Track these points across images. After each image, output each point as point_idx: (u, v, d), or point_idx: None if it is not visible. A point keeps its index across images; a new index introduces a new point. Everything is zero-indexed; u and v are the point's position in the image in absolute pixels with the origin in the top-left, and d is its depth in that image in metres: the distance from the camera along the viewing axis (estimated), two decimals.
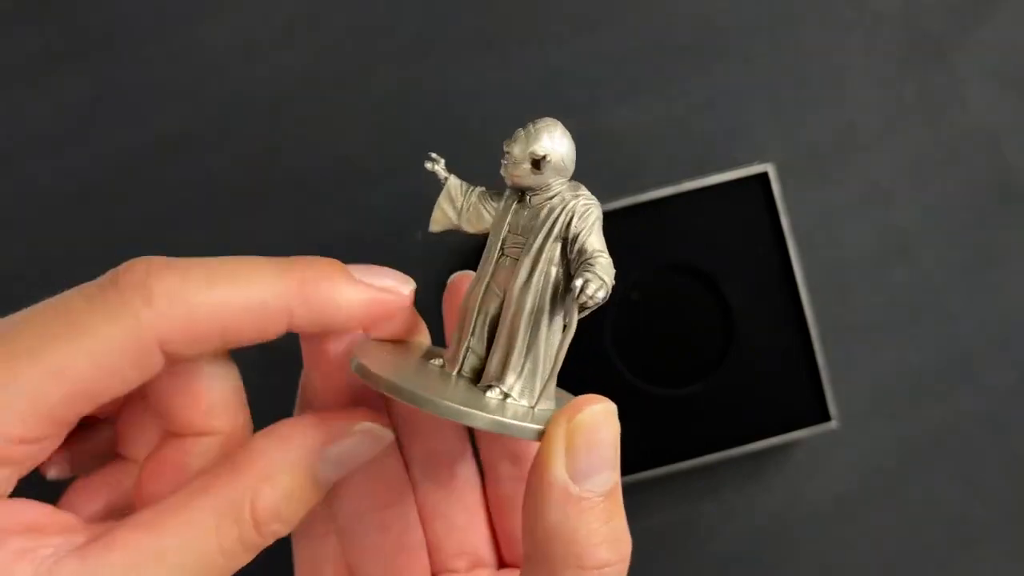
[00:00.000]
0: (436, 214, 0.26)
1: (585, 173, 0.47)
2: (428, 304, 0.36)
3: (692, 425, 0.41)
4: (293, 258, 0.24)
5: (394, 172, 0.44)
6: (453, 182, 0.26)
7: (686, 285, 0.42)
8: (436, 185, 0.27)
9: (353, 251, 0.44)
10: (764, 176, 0.41)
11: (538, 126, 0.25)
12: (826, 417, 0.41)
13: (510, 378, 0.24)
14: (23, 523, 0.21)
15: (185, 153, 0.45)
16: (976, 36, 0.45)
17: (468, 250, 0.43)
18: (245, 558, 0.22)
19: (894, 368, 0.45)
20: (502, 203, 0.26)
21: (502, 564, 0.30)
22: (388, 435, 0.25)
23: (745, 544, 0.44)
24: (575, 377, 0.41)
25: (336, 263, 0.24)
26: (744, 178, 0.41)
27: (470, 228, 0.26)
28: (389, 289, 0.25)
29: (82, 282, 0.46)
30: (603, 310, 0.41)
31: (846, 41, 0.45)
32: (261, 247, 0.44)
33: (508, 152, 0.25)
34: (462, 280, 0.28)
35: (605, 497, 0.22)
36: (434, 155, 0.26)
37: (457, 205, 0.26)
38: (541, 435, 0.22)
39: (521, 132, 0.25)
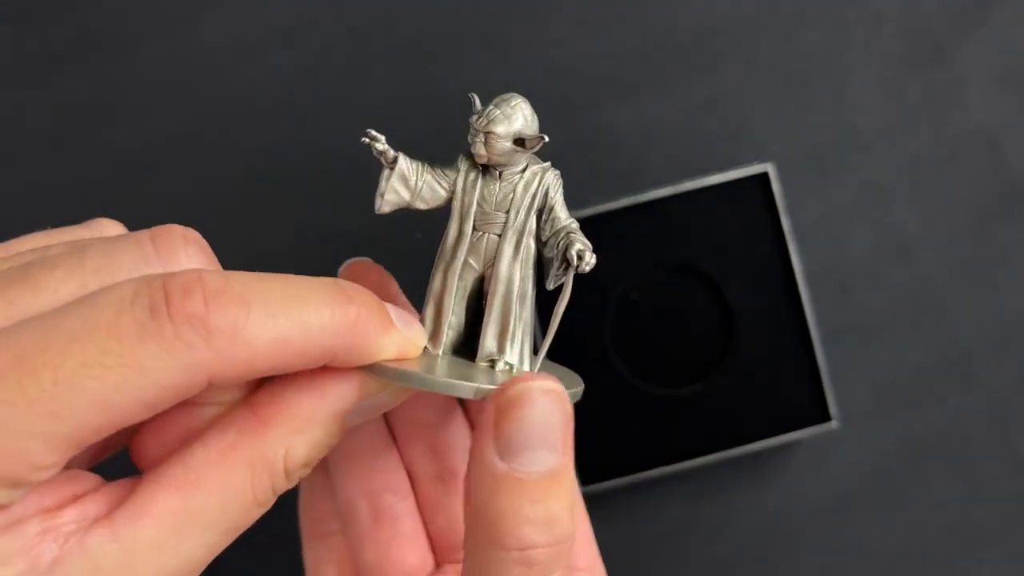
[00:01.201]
0: (389, 196, 0.26)
1: (585, 173, 0.47)
2: None
3: (692, 425, 0.41)
4: (350, 290, 0.22)
5: None
6: (404, 163, 0.26)
7: (686, 285, 0.42)
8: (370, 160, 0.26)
9: (353, 251, 0.44)
10: (764, 176, 0.41)
11: (513, 104, 0.25)
12: (826, 417, 0.41)
13: (510, 351, 0.25)
14: (40, 506, 0.19)
15: (185, 153, 0.45)
16: (976, 36, 0.45)
17: None
18: (273, 501, 0.22)
19: (894, 368, 0.44)
20: (460, 177, 0.26)
21: None
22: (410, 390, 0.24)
23: (745, 544, 0.44)
24: None
25: (385, 307, 0.23)
26: (744, 178, 0.41)
27: (423, 205, 0.26)
28: (413, 340, 0.24)
29: None
30: (603, 310, 0.41)
31: (846, 41, 0.45)
32: (261, 247, 0.44)
33: (491, 132, 0.25)
34: (359, 266, 0.28)
35: (541, 478, 0.21)
36: (373, 132, 0.26)
37: (411, 184, 0.26)
38: (481, 393, 0.22)
39: (496, 111, 0.25)
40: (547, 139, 0.25)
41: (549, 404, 0.22)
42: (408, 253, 0.44)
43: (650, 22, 0.45)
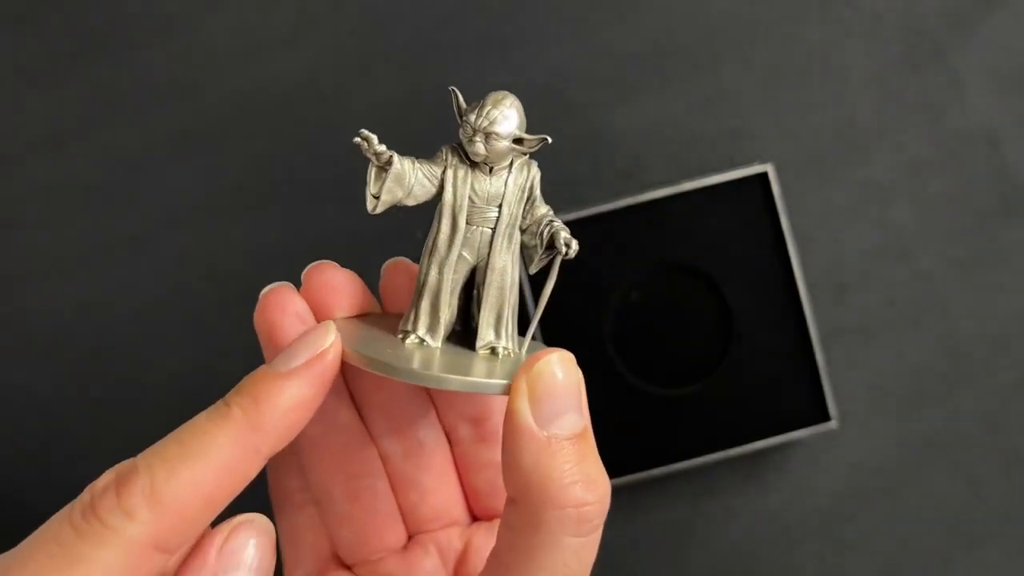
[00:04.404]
0: (385, 196, 0.26)
1: (585, 173, 0.47)
2: None
3: (692, 425, 0.41)
4: (227, 397, 0.24)
5: None
6: (400, 163, 0.26)
7: (686, 285, 0.42)
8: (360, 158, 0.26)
9: (353, 251, 0.44)
10: (764, 176, 0.41)
11: (508, 103, 0.26)
12: (826, 417, 0.41)
13: (505, 336, 0.27)
14: None
15: (185, 153, 0.45)
16: (976, 36, 0.45)
17: None
18: None
19: (894, 368, 0.45)
20: (450, 172, 0.26)
21: (474, 519, 0.31)
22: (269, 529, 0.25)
23: (745, 544, 0.44)
24: None
25: (263, 374, 0.24)
26: (744, 178, 0.41)
27: (413, 202, 0.26)
28: (315, 356, 0.24)
29: (82, 280, 0.46)
30: (603, 310, 0.41)
31: (846, 41, 0.45)
32: (261, 247, 0.44)
33: (492, 132, 0.25)
34: (397, 266, 0.29)
35: (575, 439, 0.24)
36: (366, 132, 0.26)
37: (405, 183, 0.26)
38: (507, 389, 0.24)
39: (495, 111, 0.25)
40: (549, 140, 0.26)
41: (570, 370, 0.24)
42: (408, 254, 0.44)
43: (650, 22, 0.45)
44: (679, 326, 0.42)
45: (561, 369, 0.24)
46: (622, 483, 0.41)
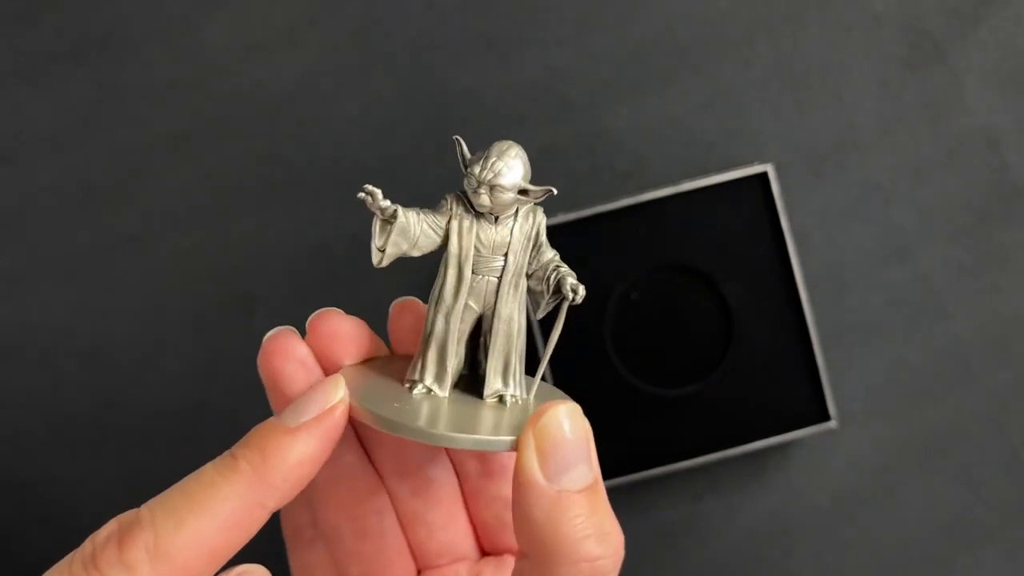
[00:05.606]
0: (390, 250, 0.26)
1: (585, 173, 0.47)
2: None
3: (692, 425, 0.41)
4: (234, 450, 0.24)
5: (394, 172, 0.44)
6: (404, 216, 0.25)
7: (686, 285, 0.42)
8: (364, 215, 0.26)
9: (353, 251, 0.44)
10: (764, 176, 0.41)
11: (513, 154, 0.25)
12: (826, 417, 0.41)
13: (513, 384, 0.27)
14: None
15: (185, 153, 0.45)
16: (976, 36, 0.45)
17: None
18: None
19: (894, 368, 0.45)
20: (455, 222, 0.26)
21: (484, 553, 0.30)
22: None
23: (745, 544, 0.44)
24: (575, 377, 0.41)
25: (271, 428, 0.24)
26: (744, 178, 0.41)
27: (418, 253, 0.26)
28: (325, 412, 0.25)
29: (82, 280, 0.46)
30: (603, 310, 0.41)
31: (846, 41, 0.45)
32: (261, 247, 0.44)
33: (497, 185, 0.25)
34: (405, 305, 0.29)
35: (585, 492, 0.23)
36: (370, 187, 0.25)
37: (411, 236, 0.26)
38: (515, 445, 0.24)
39: (500, 163, 0.25)
40: (554, 191, 0.25)
41: (578, 423, 0.24)
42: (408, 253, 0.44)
43: (650, 22, 0.45)
44: (679, 326, 0.42)
45: (568, 422, 0.24)
46: (622, 483, 0.41)
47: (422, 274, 0.43)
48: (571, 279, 0.26)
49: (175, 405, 0.44)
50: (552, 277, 0.26)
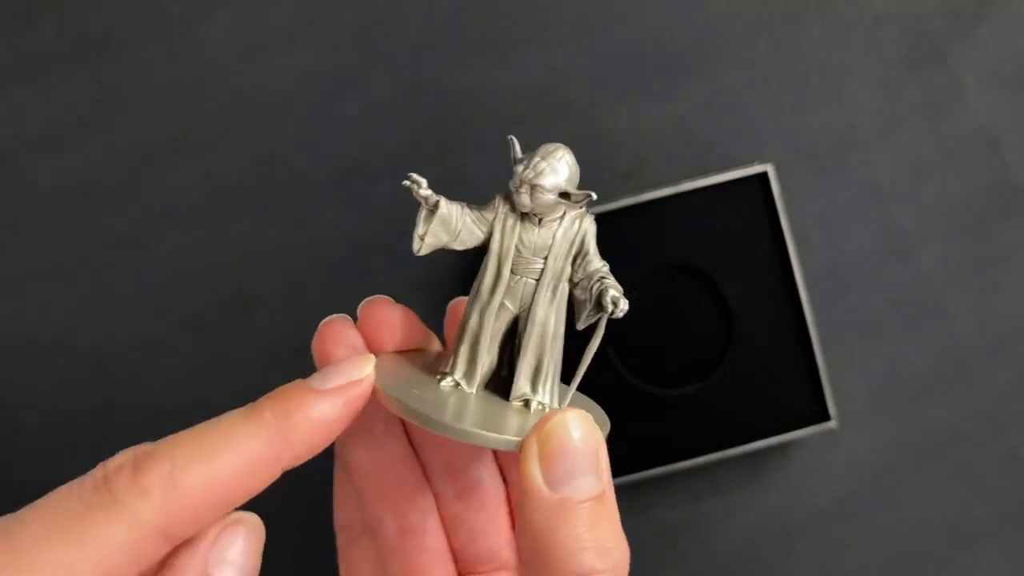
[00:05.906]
0: (429, 239, 0.26)
1: (585, 173, 0.47)
2: (428, 304, 0.36)
3: (692, 425, 0.41)
4: (260, 401, 0.24)
5: (394, 172, 0.44)
6: (447, 208, 0.26)
7: (686, 285, 0.42)
8: (411, 200, 0.26)
9: (353, 251, 0.44)
10: (764, 176, 0.41)
11: (559, 156, 0.25)
12: (826, 417, 0.41)
13: (542, 390, 0.26)
14: None
15: (185, 153, 0.45)
16: (976, 36, 0.45)
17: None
18: None
19: (894, 368, 0.45)
20: (500, 221, 0.26)
21: None
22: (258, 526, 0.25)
23: (745, 544, 0.44)
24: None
25: (297, 387, 0.25)
26: (744, 178, 0.41)
27: (460, 247, 0.26)
28: (351, 383, 0.25)
29: (82, 280, 0.46)
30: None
31: (846, 41, 0.45)
32: (261, 247, 0.44)
33: (538, 185, 0.25)
34: (461, 305, 0.29)
35: (590, 504, 0.23)
36: (415, 176, 0.26)
37: (452, 228, 0.26)
38: (519, 446, 0.23)
39: (544, 164, 0.25)
40: (594, 196, 0.25)
41: (587, 431, 0.23)
42: (408, 254, 0.44)
43: (650, 22, 0.45)
44: (679, 326, 0.42)
45: (577, 429, 0.23)
46: (622, 483, 0.41)
47: (421, 274, 0.43)
48: (612, 291, 0.25)
49: (175, 405, 0.44)
50: (595, 288, 0.26)
